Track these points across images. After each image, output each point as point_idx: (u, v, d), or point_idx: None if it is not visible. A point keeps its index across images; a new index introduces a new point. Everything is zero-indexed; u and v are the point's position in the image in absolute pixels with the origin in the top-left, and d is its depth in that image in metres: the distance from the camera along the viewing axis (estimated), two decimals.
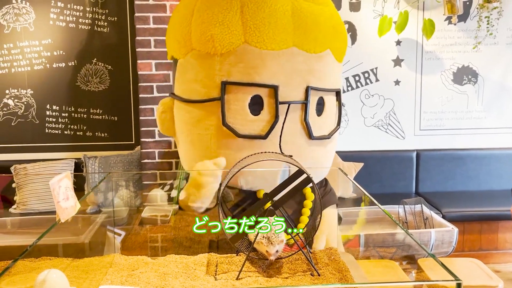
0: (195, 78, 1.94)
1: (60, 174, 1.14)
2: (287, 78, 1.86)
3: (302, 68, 1.88)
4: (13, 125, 4.10)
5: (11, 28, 3.97)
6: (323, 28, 1.92)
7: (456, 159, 4.18)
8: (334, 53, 1.99)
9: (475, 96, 4.22)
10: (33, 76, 4.05)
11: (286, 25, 1.84)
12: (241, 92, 1.87)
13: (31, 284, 1.35)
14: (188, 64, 1.97)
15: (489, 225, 3.73)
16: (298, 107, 1.89)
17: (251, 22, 1.82)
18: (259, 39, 1.82)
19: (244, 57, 1.84)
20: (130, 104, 4.16)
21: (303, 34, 1.86)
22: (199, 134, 1.96)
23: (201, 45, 1.88)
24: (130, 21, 4.01)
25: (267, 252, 1.47)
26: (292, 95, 1.87)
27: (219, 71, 1.87)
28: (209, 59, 1.88)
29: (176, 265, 1.54)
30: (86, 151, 4.12)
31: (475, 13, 4.07)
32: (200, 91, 1.93)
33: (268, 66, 1.84)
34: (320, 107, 1.97)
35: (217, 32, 1.83)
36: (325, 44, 1.93)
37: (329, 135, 2.02)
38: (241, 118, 1.87)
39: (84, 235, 2.39)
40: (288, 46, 1.85)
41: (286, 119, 1.87)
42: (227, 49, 1.84)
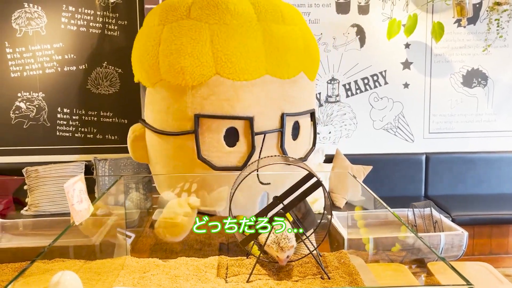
0: (166, 109, 1.88)
1: (74, 178, 1.16)
2: (262, 108, 1.82)
3: (276, 96, 1.83)
4: (25, 127, 4.14)
5: (23, 32, 4.02)
6: (295, 51, 1.88)
7: (466, 162, 4.16)
8: (307, 73, 1.95)
9: (485, 99, 4.20)
10: (45, 80, 4.09)
11: (258, 53, 1.77)
12: (215, 125, 1.82)
13: (45, 285, 1.37)
14: (158, 94, 1.91)
15: (499, 229, 3.71)
16: (274, 135, 1.86)
17: (221, 52, 1.75)
18: (231, 70, 1.76)
19: (217, 89, 1.79)
20: (140, 107, 4.18)
21: (275, 61, 1.81)
22: (175, 165, 1.93)
23: (170, 77, 1.82)
24: (140, 25, 4.05)
25: (278, 258, 1.48)
26: (267, 124, 1.84)
27: (191, 104, 1.81)
28: (180, 91, 1.82)
29: (187, 268, 1.56)
30: (96, 154, 4.15)
31: (485, 16, 4.05)
32: (173, 124, 1.88)
33: (242, 98, 1.79)
34: (295, 131, 1.94)
35: (187, 64, 1.76)
36: (298, 67, 1.89)
37: (306, 157, 2.00)
38: (216, 151, 1.83)
39: (95, 237, 2.41)
40: (261, 75, 1.80)
41: (262, 148, 1.84)
42: (199, 81, 1.77)
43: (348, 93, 4.11)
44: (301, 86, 1.93)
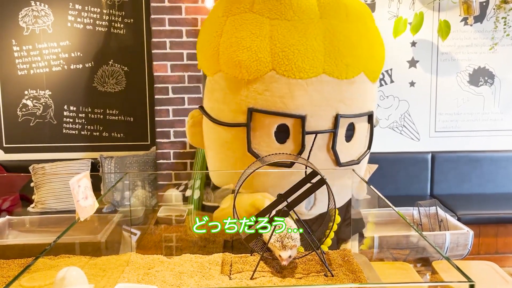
0: (223, 99, 1.91)
1: (80, 174, 1.17)
2: (315, 108, 1.80)
3: (331, 97, 1.80)
4: (31, 125, 4.17)
5: (30, 30, 4.05)
6: (357, 51, 1.83)
7: (472, 161, 4.14)
8: (368, 74, 1.89)
9: (491, 98, 4.18)
10: (51, 77, 4.12)
11: (316, 52, 1.75)
12: (267, 120, 1.82)
13: (51, 281, 1.38)
14: (216, 84, 1.94)
15: (505, 228, 3.69)
16: (326, 135, 1.83)
17: (279, 49, 1.75)
18: (287, 68, 1.75)
19: (271, 86, 1.78)
20: (146, 105, 4.21)
21: (333, 60, 1.77)
22: (227, 155, 1.95)
23: (228, 69, 1.84)
24: (146, 23, 4.06)
25: (280, 257, 1.48)
26: (319, 124, 1.81)
27: (245, 97, 1.83)
28: (237, 83, 1.84)
29: (191, 264, 1.56)
30: (102, 151, 4.18)
31: (492, 14, 4.03)
32: (228, 114, 1.89)
33: (296, 96, 1.78)
34: (350, 133, 1.90)
35: (245, 58, 1.77)
36: (358, 68, 1.84)
37: (358, 160, 1.95)
38: (266, 145, 1.83)
39: (101, 234, 2.42)
40: (318, 74, 1.77)
41: (312, 147, 1.82)
42: (255, 75, 1.78)
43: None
44: (360, 87, 1.89)
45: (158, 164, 3.76)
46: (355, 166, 1.95)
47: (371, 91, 1.98)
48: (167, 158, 3.76)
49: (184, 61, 3.65)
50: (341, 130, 1.86)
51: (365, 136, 1.99)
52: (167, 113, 3.71)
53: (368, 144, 2.01)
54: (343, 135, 1.88)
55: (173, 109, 3.71)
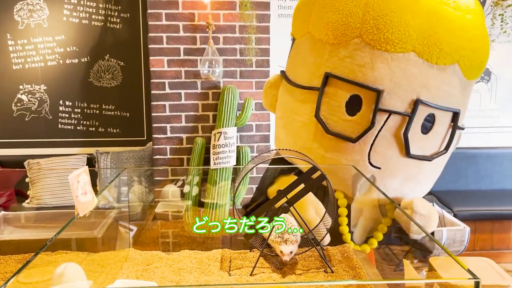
0: (303, 62, 1.85)
1: (79, 169, 1.16)
2: (395, 86, 1.68)
3: (415, 79, 1.68)
4: (26, 120, 4.14)
5: (25, 24, 4.01)
6: (455, 38, 1.69)
7: (469, 158, 4.15)
8: (463, 68, 1.75)
9: (488, 95, 4.18)
10: (47, 72, 4.09)
11: (409, 28, 1.64)
12: (341, 88, 1.73)
13: (48, 277, 1.37)
14: (301, 46, 1.89)
15: (501, 224, 3.71)
16: (400, 119, 1.70)
17: (371, 16, 1.65)
18: (375, 37, 1.65)
19: (354, 53, 1.69)
20: (142, 100, 4.19)
21: (427, 41, 1.65)
22: (293, 119, 1.87)
23: (315, 30, 1.78)
24: (143, 17, 4.03)
25: (281, 252, 1.47)
26: (396, 104, 1.69)
27: (326, 61, 1.75)
28: (320, 46, 1.77)
29: (190, 260, 1.55)
30: (98, 147, 4.16)
31: (489, 11, 4.03)
32: (304, 77, 1.83)
33: (376, 68, 1.67)
34: (428, 125, 1.76)
35: (334, 20, 1.70)
36: (453, 57, 1.70)
37: (431, 157, 1.81)
38: (334, 115, 1.74)
39: (97, 230, 2.41)
40: (406, 51, 1.66)
41: (383, 128, 1.70)
42: (339, 40, 1.70)
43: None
44: (450, 79, 1.73)
45: (155, 159, 3.74)
46: (425, 163, 1.82)
47: (463, 88, 1.82)
48: (164, 154, 3.74)
49: (181, 56, 3.63)
50: (418, 118, 1.72)
51: (445, 134, 1.83)
52: (164, 108, 3.69)
53: (447, 144, 1.84)
54: (419, 124, 1.74)
55: (169, 104, 3.69)
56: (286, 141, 1.94)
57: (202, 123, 3.69)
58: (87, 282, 1.27)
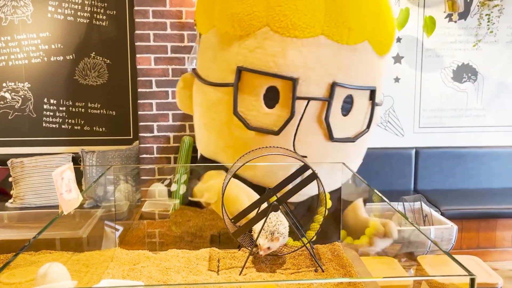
0: (213, 57, 1.79)
1: (63, 166, 1.12)
2: (309, 71, 1.66)
3: (328, 62, 1.67)
4: (10, 118, 4.06)
5: (8, 21, 3.93)
6: (361, 15, 1.68)
7: (455, 157, 4.17)
8: (374, 45, 1.75)
9: (474, 94, 4.21)
10: (31, 70, 4.01)
11: (316, 11, 1.62)
12: (256, 81, 1.70)
13: (31, 277, 1.33)
14: (209, 42, 1.83)
15: (487, 223, 3.73)
16: (320, 104, 1.70)
17: (276, 3, 1.62)
18: (282, 24, 1.62)
19: (264, 42, 1.66)
20: (128, 99, 4.13)
21: (334, 22, 1.63)
22: (212, 118, 1.83)
23: (221, 23, 1.73)
24: (129, 15, 3.98)
25: (259, 245, 1.43)
26: (313, 90, 1.68)
27: (236, 55, 1.70)
28: (228, 39, 1.72)
29: (178, 260, 1.53)
30: (83, 146, 4.09)
31: (476, 11, 4.06)
32: (216, 73, 1.78)
33: (288, 56, 1.65)
34: (347, 106, 1.76)
35: (238, 11, 1.66)
36: (361, 34, 1.69)
37: (354, 138, 1.82)
38: (253, 109, 1.72)
39: (82, 230, 2.36)
40: (316, 34, 1.64)
41: (303, 116, 1.70)
42: (247, 31, 1.66)
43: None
44: (363, 57, 1.74)
45: (141, 158, 3.69)
46: (349, 144, 1.82)
47: (376, 65, 1.83)
48: (150, 153, 3.70)
49: (168, 54, 3.59)
50: (337, 101, 1.72)
51: (365, 113, 1.84)
52: (151, 106, 3.65)
53: (368, 123, 1.85)
54: (339, 107, 1.74)
55: (156, 102, 3.65)
56: (208, 141, 1.89)
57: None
58: (71, 282, 1.23)
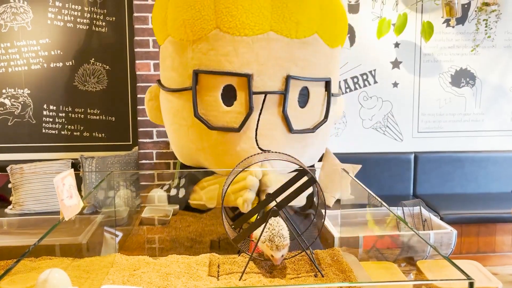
0: (171, 65, 1.86)
1: (64, 172, 1.12)
2: (263, 67, 1.73)
3: (280, 56, 1.73)
4: (9, 125, 4.07)
5: (8, 27, 3.95)
6: (307, 9, 1.74)
7: (454, 162, 4.18)
8: (323, 37, 1.81)
9: (473, 99, 4.23)
10: (30, 76, 4.02)
11: (262, 8, 1.68)
12: (212, 82, 1.76)
13: (32, 283, 1.33)
14: (166, 51, 1.89)
15: (487, 228, 3.73)
16: (276, 98, 1.76)
17: (223, 5, 1.68)
18: (231, 24, 1.69)
19: (216, 44, 1.72)
20: (127, 105, 4.14)
21: (281, 17, 1.70)
22: (180, 124, 1.89)
23: (174, 31, 1.79)
24: (129, 21, 4.00)
25: (273, 257, 1.45)
26: (269, 84, 1.74)
27: (191, 59, 1.77)
28: (183, 46, 1.78)
29: (178, 265, 1.53)
30: (83, 152, 4.10)
31: (473, 16, 4.08)
32: (176, 80, 1.84)
33: (241, 54, 1.71)
34: (304, 98, 1.83)
35: (189, 17, 1.72)
36: (310, 27, 1.75)
37: (313, 129, 1.87)
38: (213, 109, 1.77)
39: (82, 236, 2.36)
40: (265, 31, 1.70)
41: (262, 110, 1.75)
42: (199, 35, 1.72)
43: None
44: (315, 50, 1.80)
45: (140, 164, 3.70)
46: (310, 135, 1.88)
47: (329, 56, 1.89)
48: (150, 158, 3.70)
49: None
50: (293, 93, 1.78)
51: (322, 104, 1.91)
52: None
53: (325, 113, 1.92)
54: (295, 99, 1.80)
55: None
56: (181, 146, 1.95)
57: None
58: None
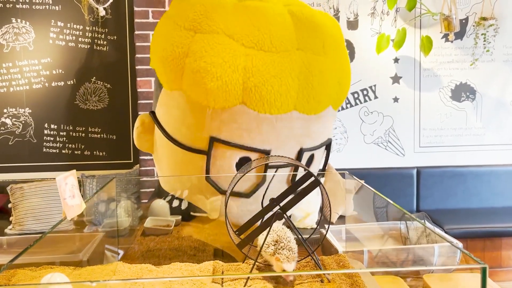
0: (182, 120, 1.76)
1: (66, 172, 1.11)
2: (281, 143, 1.75)
3: (299, 132, 1.77)
4: (10, 144, 4.06)
5: (10, 47, 3.98)
6: (328, 88, 1.78)
7: (457, 176, 4.16)
8: (334, 105, 1.88)
9: (473, 113, 4.23)
10: (32, 95, 4.04)
11: (290, 89, 1.66)
12: (229, 152, 1.73)
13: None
14: (174, 102, 1.77)
15: (492, 242, 3.69)
16: (288, 168, 1.82)
17: (252, 83, 1.62)
18: (259, 103, 1.64)
19: (239, 118, 1.68)
20: (129, 122, 4.14)
21: (306, 97, 1.71)
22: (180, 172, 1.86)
23: (193, 94, 1.68)
24: (130, 39, 4.03)
25: (284, 271, 1.41)
26: None
27: (209, 125, 1.70)
28: (200, 109, 1.69)
29: (181, 273, 1.50)
30: (84, 170, 4.08)
31: (472, 31, 4.12)
32: (187, 136, 1.77)
33: (264, 131, 1.70)
34: (308, 164, 1.90)
35: (214, 87, 1.61)
36: (327, 103, 1.81)
37: None
38: (225, 176, 1.77)
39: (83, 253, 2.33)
40: (289, 110, 1.70)
41: (272, 179, 1.78)
42: (222, 106, 1.65)
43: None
44: (325, 120, 1.86)
45: (142, 182, 3.68)
46: None
47: (333, 119, 1.98)
48: (151, 176, 3.68)
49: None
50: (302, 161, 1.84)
51: (320, 161, 2.00)
52: None
53: (323, 167, 2.03)
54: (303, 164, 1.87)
55: None
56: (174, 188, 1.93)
57: None
58: None
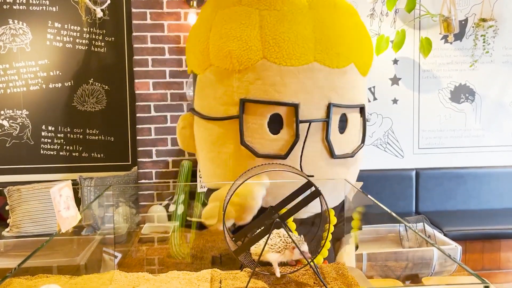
0: (213, 94, 1.89)
1: (61, 183, 1.09)
2: (308, 96, 1.80)
3: (323, 85, 1.81)
4: (7, 146, 4.04)
5: (7, 49, 3.96)
6: (346, 41, 1.85)
7: (456, 178, 4.15)
8: (359, 67, 1.92)
9: (473, 114, 4.22)
10: (29, 97, 4.02)
11: (307, 40, 1.77)
12: (259, 110, 1.80)
13: None
14: (206, 80, 1.92)
15: (491, 244, 3.68)
16: (319, 125, 1.83)
17: (270, 37, 1.76)
18: (278, 55, 1.75)
19: (263, 74, 1.78)
20: (127, 124, 4.12)
21: (325, 49, 1.79)
22: (219, 152, 1.90)
23: (219, 61, 1.83)
24: (128, 40, 4.01)
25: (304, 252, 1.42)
26: (313, 113, 1.81)
27: (237, 88, 1.81)
28: (228, 75, 1.82)
29: (179, 281, 1.48)
30: (82, 172, 4.06)
31: (471, 32, 4.10)
32: (219, 109, 1.87)
33: (288, 84, 1.78)
34: (342, 124, 1.89)
35: (235, 47, 1.77)
36: (349, 58, 1.86)
37: (353, 154, 1.95)
38: (259, 137, 1.81)
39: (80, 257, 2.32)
40: (309, 62, 1.78)
41: (306, 138, 1.80)
42: (245, 65, 1.78)
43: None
44: (351, 79, 1.89)
45: (140, 184, 3.66)
46: (349, 159, 1.94)
47: (362, 84, 1.99)
48: (149, 178, 3.67)
49: (167, 78, 3.61)
50: (334, 120, 1.85)
51: (358, 130, 1.98)
52: (149, 131, 3.64)
53: (362, 137, 2.01)
54: (336, 125, 1.87)
55: (155, 127, 3.64)
56: (215, 174, 1.96)
57: None
58: None
